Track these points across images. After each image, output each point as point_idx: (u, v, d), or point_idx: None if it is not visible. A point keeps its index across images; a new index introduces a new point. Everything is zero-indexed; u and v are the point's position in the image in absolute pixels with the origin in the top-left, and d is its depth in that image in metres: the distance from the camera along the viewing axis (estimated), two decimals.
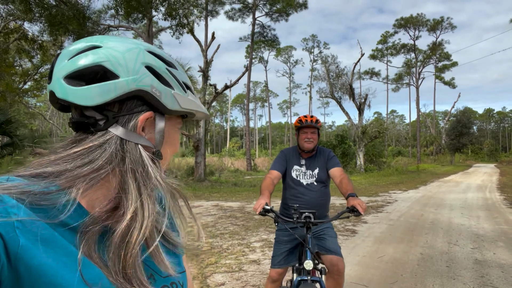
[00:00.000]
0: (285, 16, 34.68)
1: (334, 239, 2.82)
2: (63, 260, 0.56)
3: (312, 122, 2.93)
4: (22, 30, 16.77)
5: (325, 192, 2.98)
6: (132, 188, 0.64)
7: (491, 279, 4.30)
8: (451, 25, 49.64)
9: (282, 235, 2.88)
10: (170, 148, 0.76)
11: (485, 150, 65.61)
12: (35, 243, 0.54)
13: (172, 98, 0.70)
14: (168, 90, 0.69)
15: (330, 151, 3.06)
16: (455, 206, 10.21)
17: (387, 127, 28.07)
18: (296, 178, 2.96)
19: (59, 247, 0.56)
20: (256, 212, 2.41)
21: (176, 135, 0.77)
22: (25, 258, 0.53)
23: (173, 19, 14.82)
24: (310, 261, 2.35)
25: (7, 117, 12.33)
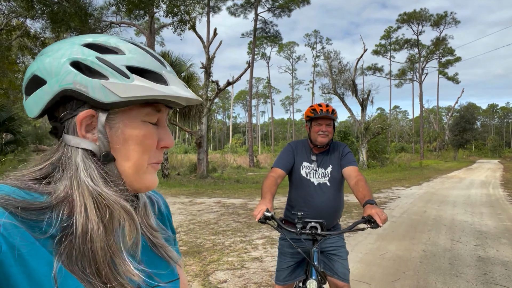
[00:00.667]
0: (287, 12, 34.56)
1: (344, 261, 2.49)
2: (44, 269, 0.55)
3: (328, 113, 2.49)
4: (24, 27, 16.78)
5: (338, 196, 2.59)
6: (75, 200, 0.60)
7: (494, 277, 4.28)
8: (454, 20, 49.29)
9: (287, 246, 2.54)
10: (136, 145, 0.65)
11: (489, 146, 65.32)
12: (16, 251, 0.54)
13: (103, 90, 0.60)
14: (96, 81, 0.60)
15: (345, 146, 2.65)
16: (458, 203, 10.17)
17: (390, 123, 27.97)
18: (306, 177, 2.55)
19: (40, 256, 0.56)
20: (255, 219, 2.10)
21: (140, 129, 0.65)
22: (5, 266, 0.52)
23: (174, 16, 14.78)
24: (314, 281, 2.06)
25: (10, 114, 12.37)
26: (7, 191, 0.58)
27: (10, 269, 0.53)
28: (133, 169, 0.66)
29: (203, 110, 17.86)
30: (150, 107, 0.65)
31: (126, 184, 0.66)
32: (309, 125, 2.61)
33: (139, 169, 0.66)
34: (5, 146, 12.13)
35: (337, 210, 2.59)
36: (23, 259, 0.54)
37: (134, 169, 0.66)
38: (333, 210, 2.55)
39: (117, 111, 0.63)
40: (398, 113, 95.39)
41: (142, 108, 0.64)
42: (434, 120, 61.50)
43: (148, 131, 0.66)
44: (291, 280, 2.50)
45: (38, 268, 0.55)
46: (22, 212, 0.57)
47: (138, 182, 0.67)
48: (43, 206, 0.58)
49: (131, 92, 0.61)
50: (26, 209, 0.57)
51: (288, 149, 2.65)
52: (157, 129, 0.68)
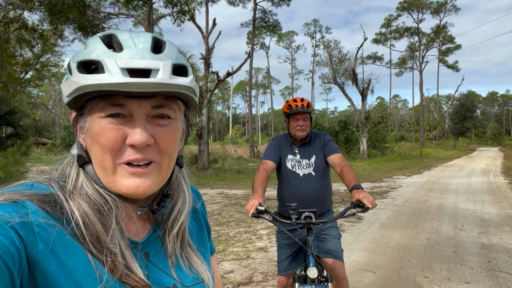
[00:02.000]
0: (286, 0, 34.22)
1: (336, 240, 2.54)
2: (81, 267, 0.56)
3: (303, 108, 2.56)
4: (22, 20, 16.64)
5: (325, 184, 2.67)
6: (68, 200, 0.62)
7: (498, 264, 4.32)
8: (455, 7, 48.85)
9: (283, 238, 2.61)
10: (96, 144, 0.61)
11: (489, 134, 65.36)
12: (53, 249, 0.54)
13: (62, 91, 0.61)
14: (61, 85, 0.62)
15: (326, 134, 2.74)
16: (460, 191, 10.21)
17: (390, 112, 27.92)
18: (292, 169, 2.64)
19: (77, 254, 0.57)
20: (248, 214, 2.10)
21: (94, 126, 0.61)
22: (42, 264, 0.53)
23: (174, 6, 14.64)
24: (314, 268, 2.08)
25: (10, 107, 12.34)
26: (43, 189, 0.60)
27: (48, 267, 0.53)
28: (100, 171, 0.62)
29: (203, 101, 17.81)
30: (105, 100, 0.60)
31: (107, 187, 0.63)
32: (287, 120, 2.69)
33: (105, 170, 0.62)
34: (6, 139, 12.12)
35: (325, 198, 2.67)
36: (58, 258, 0.55)
37: (101, 170, 0.62)
38: (321, 198, 2.63)
39: (86, 110, 0.62)
40: (398, 102, 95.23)
41: (98, 103, 0.60)
42: (434, 108, 61.39)
43: (101, 127, 0.60)
44: (292, 269, 2.57)
45: (75, 266, 0.56)
46: (54, 210, 0.58)
47: (113, 185, 0.62)
48: (60, 205, 0.60)
49: (68, 89, 0.59)
50: (57, 207, 0.58)
51: (274, 143, 2.72)
52: (126, 124, 0.60)
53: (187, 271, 0.70)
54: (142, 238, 0.67)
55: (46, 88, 51.04)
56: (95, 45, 0.60)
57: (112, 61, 0.57)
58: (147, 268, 0.65)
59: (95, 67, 0.58)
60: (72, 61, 0.60)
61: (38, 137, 28.06)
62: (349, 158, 23.60)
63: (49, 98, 62.11)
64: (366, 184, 12.23)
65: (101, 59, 0.57)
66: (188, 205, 0.74)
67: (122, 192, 0.62)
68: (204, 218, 0.86)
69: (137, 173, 0.61)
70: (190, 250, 0.73)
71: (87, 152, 0.64)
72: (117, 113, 0.60)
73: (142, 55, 0.59)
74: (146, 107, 0.61)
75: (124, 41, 0.60)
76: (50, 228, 0.55)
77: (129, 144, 0.60)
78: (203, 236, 0.83)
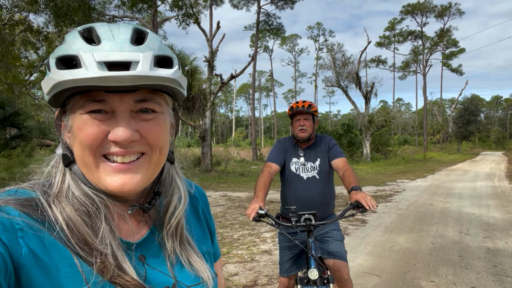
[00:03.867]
0: (290, 4, 34.30)
1: (339, 242, 2.55)
2: (65, 270, 0.55)
3: (304, 108, 2.61)
4: (27, 22, 16.74)
5: (328, 188, 2.68)
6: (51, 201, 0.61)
7: (504, 269, 4.29)
8: (459, 11, 48.76)
9: (284, 240, 2.62)
10: (76, 140, 0.59)
11: (492, 138, 65.03)
12: (36, 253, 0.54)
13: (43, 89, 0.59)
14: (41, 82, 0.59)
15: (331, 138, 2.75)
16: (464, 195, 10.16)
17: (393, 116, 27.86)
18: (296, 172, 2.65)
19: (62, 257, 0.56)
20: (249, 218, 2.12)
21: (74, 123, 0.59)
22: (27, 268, 0.53)
23: (179, 10, 14.71)
24: (315, 269, 2.11)
25: (15, 109, 12.41)
26: (27, 194, 0.59)
27: (32, 271, 0.53)
28: (84, 168, 0.61)
29: (206, 103, 17.83)
30: (85, 97, 0.57)
31: (94, 185, 0.62)
32: (291, 122, 2.75)
33: (88, 167, 0.60)
34: (11, 140, 12.18)
35: (328, 201, 2.67)
36: (42, 261, 0.54)
37: (84, 167, 0.60)
38: (324, 201, 2.63)
39: (68, 108, 0.61)
40: (401, 105, 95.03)
41: (79, 100, 0.58)
42: (437, 112, 61.17)
43: (81, 122, 0.58)
44: (293, 271, 2.60)
45: (59, 269, 0.55)
46: (37, 213, 0.57)
47: (99, 183, 0.60)
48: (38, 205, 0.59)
49: (47, 86, 0.57)
50: (39, 210, 0.58)
51: (279, 146, 2.74)
52: (108, 119, 0.58)
53: (187, 271, 0.68)
54: (137, 239, 0.66)
55: None
56: (74, 39, 0.58)
57: (89, 55, 0.54)
58: (144, 270, 0.63)
59: (75, 63, 0.55)
60: (51, 57, 0.58)
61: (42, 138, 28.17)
62: (352, 162, 23.54)
63: None
64: (370, 187, 12.19)
65: (78, 53, 0.55)
66: (184, 202, 0.72)
67: (107, 190, 0.60)
68: (206, 218, 0.83)
69: (122, 170, 0.59)
70: (190, 249, 0.70)
71: (72, 151, 0.62)
72: (98, 110, 0.57)
73: (121, 47, 0.56)
74: (128, 102, 0.58)
75: (103, 33, 0.57)
76: (33, 232, 0.55)
77: (112, 140, 0.58)
78: (205, 235, 0.80)
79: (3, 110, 11.67)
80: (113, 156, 0.59)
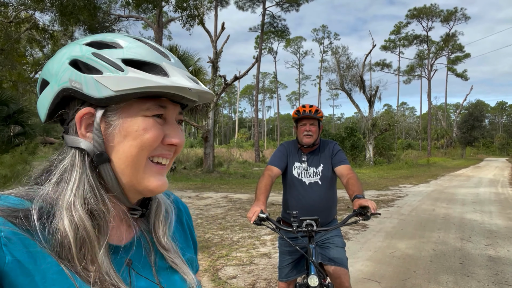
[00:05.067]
0: (295, 6, 34.31)
1: (340, 249, 2.52)
2: (52, 277, 0.54)
3: (311, 113, 2.55)
4: (33, 20, 16.84)
5: (331, 193, 2.65)
6: (64, 196, 0.58)
7: (506, 277, 4.24)
8: (465, 16, 48.68)
9: (285, 245, 2.59)
10: (134, 141, 0.61)
11: (497, 144, 64.67)
12: (21, 261, 0.53)
13: (96, 85, 0.58)
14: (90, 77, 0.58)
15: (335, 144, 2.71)
16: (467, 201, 10.08)
17: (397, 120, 27.77)
18: (298, 177, 2.62)
19: (48, 264, 0.55)
20: (250, 221, 2.12)
21: (139, 124, 0.61)
22: (11, 276, 0.52)
23: (184, 11, 14.74)
24: (315, 276, 2.09)
25: (19, 106, 12.48)
26: (12, 202, 0.57)
27: (17, 279, 0.52)
28: (130, 167, 0.61)
29: (210, 104, 17.84)
30: (151, 101, 0.61)
31: (128, 186, 0.63)
32: (295, 126, 2.69)
33: (136, 167, 0.61)
34: (14, 138, 12.24)
35: (330, 207, 2.64)
36: (27, 270, 0.53)
37: (132, 167, 0.61)
38: (326, 207, 2.60)
39: (116, 107, 0.61)
40: (405, 109, 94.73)
41: (143, 103, 0.61)
42: (442, 117, 60.95)
43: (148, 124, 0.61)
44: (292, 276, 2.58)
45: (46, 277, 0.54)
46: (24, 222, 0.55)
47: (139, 183, 0.62)
48: (27, 214, 0.56)
49: (124, 85, 0.58)
50: (27, 218, 0.56)
51: (282, 149, 2.71)
52: (164, 125, 0.64)
53: (173, 277, 0.69)
54: (124, 243, 0.66)
55: None
56: (141, 49, 0.62)
57: (172, 68, 0.62)
58: (129, 276, 0.63)
59: (144, 69, 0.60)
60: (110, 55, 0.59)
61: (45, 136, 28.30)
62: (355, 165, 23.47)
63: None
64: (372, 192, 12.13)
65: (162, 64, 0.61)
66: (172, 209, 0.76)
67: (148, 189, 0.64)
68: (189, 229, 0.84)
69: (162, 172, 0.65)
70: (175, 255, 0.71)
71: (102, 151, 0.61)
72: (159, 114, 0.63)
73: (180, 65, 0.65)
74: (176, 112, 0.66)
75: (164, 50, 0.65)
76: (17, 239, 0.53)
77: (170, 143, 0.64)
78: (188, 244, 0.81)
79: (7, 108, 11.73)
80: (159, 158, 0.65)
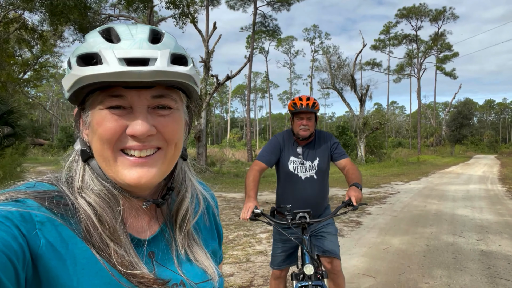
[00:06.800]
0: (286, 6, 34.39)
1: (333, 237, 2.60)
2: (82, 262, 0.56)
3: (308, 107, 2.53)
4: (22, 20, 16.61)
5: (324, 186, 2.72)
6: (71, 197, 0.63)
7: (498, 271, 4.33)
8: (453, 15, 49.25)
9: (279, 234, 2.61)
10: (95, 135, 0.61)
11: (485, 142, 65.58)
12: (54, 245, 0.55)
13: (63, 87, 0.62)
14: (62, 80, 0.62)
15: (332, 137, 2.73)
16: (458, 198, 10.24)
17: (388, 119, 27.98)
18: (294, 172, 2.62)
19: (79, 249, 0.57)
20: (245, 219, 2.15)
21: (94, 118, 0.61)
22: (45, 259, 0.54)
23: (176, 8, 14.68)
24: (310, 265, 2.14)
25: (8, 107, 12.27)
26: (46, 188, 0.61)
27: (50, 262, 0.54)
28: (102, 162, 0.62)
29: (202, 104, 17.80)
30: (103, 93, 0.59)
31: (112, 179, 0.63)
32: (291, 118, 2.66)
33: (107, 161, 0.61)
34: (4, 139, 12.06)
35: (323, 199, 2.73)
36: (60, 254, 0.55)
37: (103, 162, 0.62)
38: (320, 200, 2.69)
39: (88, 104, 0.62)
40: (395, 108, 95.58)
41: (98, 96, 0.60)
42: (431, 115, 61.65)
43: (100, 117, 0.60)
44: (284, 265, 2.66)
45: (76, 261, 0.56)
46: (57, 206, 0.58)
47: (116, 176, 0.62)
48: (59, 200, 0.60)
49: (67, 83, 0.59)
50: (59, 203, 0.59)
51: (274, 142, 2.67)
52: (126, 114, 0.60)
53: (195, 268, 0.69)
54: (148, 236, 0.67)
55: (44, 88, 50.94)
56: (94, 39, 0.60)
57: (110, 51, 0.56)
58: (153, 267, 0.64)
59: (95, 61, 0.57)
60: (72, 56, 0.60)
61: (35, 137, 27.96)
62: None
63: (47, 98, 61.91)
64: (364, 189, 12.23)
65: (99, 50, 0.57)
66: (194, 200, 0.74)
67: (125, 183, 0.61)
68: (215, 220, 0.84)
69: (139, 163, 0.61)
70: (198, 247, 0.71)
71: (90, 147, 0.64)
72: (117, 105, 0.59)
73: (139, 45, 0.58)
74: (146, 97, 0.60)
75: (122, 32, 0.60)
76: (51, 224, 0.56)
77: (130, 134, 0.59)
78: (213, 236, 0.81)
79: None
80: (131, 150, 0.61)
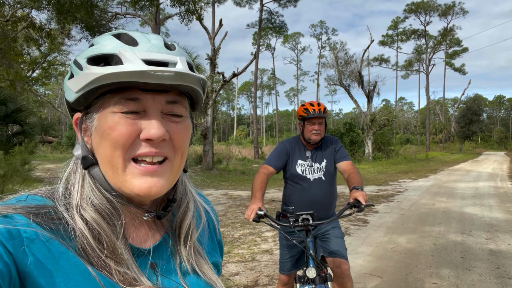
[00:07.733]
0: (293, 2, 34.18)
1: (339, 240, 2.61)
2: (75, 278, 0.54)
3: (320, 112, 2.59)
4: (30, 19, 16.73)
5: (332, 188, 2.74)
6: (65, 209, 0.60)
7: (507, 271, 4.26)
8: (462, 10, 48.53)
9: (285, 239, 2.63)
10: (106, 140, 0.58)
11: (495, 138, 64.79)
12: (43, 262, 0.53)
13: (67, 89, 0.60)
14: (65, 83, 0.60)
15: (337, 140, 2.79)
16: (467, 195, 10.11)
17: (396, 115, 27.73)
18: (302, 174, 2.67)
19: (71, 265, 0.55)
20: (249, 220, 2.17)
21: (107, 121, 0.57)
22: (33, 277, 0.52)
23: (181, 5, 14.67)
24: (313, 268, 2.17)
25: (17, 105, 12.41)
26: (38, 201, 0.58)
27: (39, 280, 0.52)
28: (109, 170, 0.59)
29: (208, 101, 17.80)
30: (119, 95, 0.57)
31: (117, 189, 0.60)
32: (302, 123, 2.70)
33: (115, 169, 0.58)
34: (13, 137, 12.19)
35: (331, 202, 2.74)
36: (49, 271, 0.53)
37: (110, 169, 0.59)
38: (328, 202, 2.70)
39: (94, 108, 0.59)
40: (403, 104, 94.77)
41: (111, 98, 0.57)
42: (440, 111, 61.00)
43: (114, 121, 0.57)
44: (293, 270, 2.66)
45: (69, 278, 0.54)
46: (49, 222, 0.56)
47: (123, 186, 0.59)
48: (52, 214, 0.58)
49: (79, 84, 0.57)
50: (52, 218, 0.57)
51: (282, 148, 2.73)
52: (141, 119, 0.58)
53: (199, 281, 0.67)
54: (148, 246, 0.65)
55: (53, 86, 51.39)
56: (107, 41, 0.59)
57: (131, 53, 0.55)
58: (157, 279, 0.62)
59: (111, 62, 0.56)
60: (80, 57, 0.58)
61: (44, 135, 28.28)
62: (354, 161, 23.47)
63: (56, 96, 62.50)
64: (372, 187, 12.15)
65: (118, 51, 0.56)
66: (195, 212, 0.72)
67: (133, 192, 0.58)
68: (215, 232, 0.83)
69: (149, 172, 0.58)
70: (201, 259, 0.70)
71: (93, 153, 0.61)
72: (131, 111, 0.57)
73: (158, 49, 0.58)
74: (161, 102, 0.59)
75: (138, 37, 0.60)
76: (40, 240, 0.54)
77: (145, 138, 0.57)
78: (215, 248, 0.80)
79: (5, 107, 11.68)
80: (142, 157, 0.59)
